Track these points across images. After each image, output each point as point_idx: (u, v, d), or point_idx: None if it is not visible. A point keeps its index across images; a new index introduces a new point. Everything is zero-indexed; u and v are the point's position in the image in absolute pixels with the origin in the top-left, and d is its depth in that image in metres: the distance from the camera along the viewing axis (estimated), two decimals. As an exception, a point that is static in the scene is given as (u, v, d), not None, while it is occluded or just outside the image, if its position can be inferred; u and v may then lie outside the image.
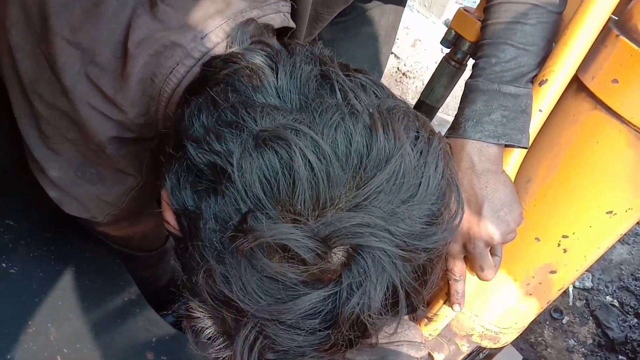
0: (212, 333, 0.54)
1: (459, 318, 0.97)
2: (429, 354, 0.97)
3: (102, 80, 0.64)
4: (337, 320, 0.48)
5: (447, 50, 1.03)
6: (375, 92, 0.55)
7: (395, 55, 2.89)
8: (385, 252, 0.48)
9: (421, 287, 0.52)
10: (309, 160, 0.47)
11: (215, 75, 0.56)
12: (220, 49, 0.63)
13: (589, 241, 0.85)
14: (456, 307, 0.87)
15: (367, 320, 0.49)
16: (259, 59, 0.56)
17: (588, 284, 2.30)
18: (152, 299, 1.03)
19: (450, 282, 0.85)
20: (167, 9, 0.63)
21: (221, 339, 0.54)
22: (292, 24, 0.73)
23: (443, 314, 0.92)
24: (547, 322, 2.19)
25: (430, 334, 0.96)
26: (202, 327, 0.54)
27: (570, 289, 2.26)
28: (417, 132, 0.53)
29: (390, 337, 0.88)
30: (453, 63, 1.04)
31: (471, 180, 0.77)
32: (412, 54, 2.89)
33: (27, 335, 0.81)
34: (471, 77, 0.81)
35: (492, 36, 0.79)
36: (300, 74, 0.54)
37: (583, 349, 2.15)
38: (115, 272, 0.98)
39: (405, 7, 3.00)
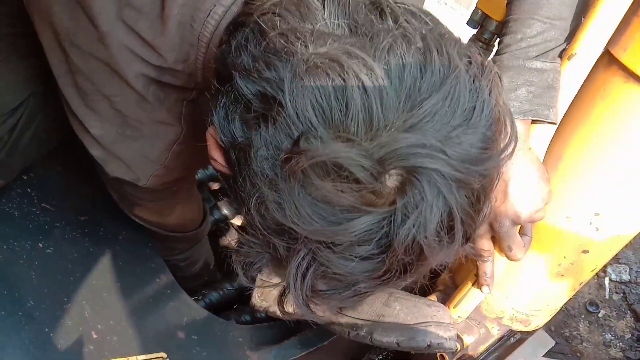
0: (263, 264, 0.54)
1: (489, 300, 0.95)
2: (458, 336, 0.96)
3: (140, 24, 0.64)
4: (392, 244, 0.47)
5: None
6: (425, 19, 0.53)
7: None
8: (441, 173, 0.46)
9: (475, 214, 0.51)
10: (362, 82, 0.46)
11: (261, 7, 0.55)
12: None
13: (622, 219, 0.83)
14: (485, 288, 0.86)
15: (424, 242, 0.47)
16: None
17: (625, 277, 2.24)
18: (184, 284, 1.05)
19: (478, 263, 0.84)
20: None
21: (273, 269, 0.54)
22: None
23: (472, 296, 0.91)
24: (582, 316, 2.14)
25: (459, 317, 0.95)
26: (252, 260, 0.54)
27: (607, 282, 2.20)
28: (470, 58, 0.52)
29: (418, 317, 0.88)
30: (480, 44, 1.03)
31: None
32: (441, 46, 2.86)
33: (63, 311, 0.84)
34: (496, 53, 0.80)
35: (517, 12, 0.78)
36: (348, 0, 0.52)
37: (621, 343, 2.09)
38: (147, 254, 1.01)
39: (434, 0, 2.95)
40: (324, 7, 0.52)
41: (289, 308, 0.98)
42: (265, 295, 1.00)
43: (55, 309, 0.84)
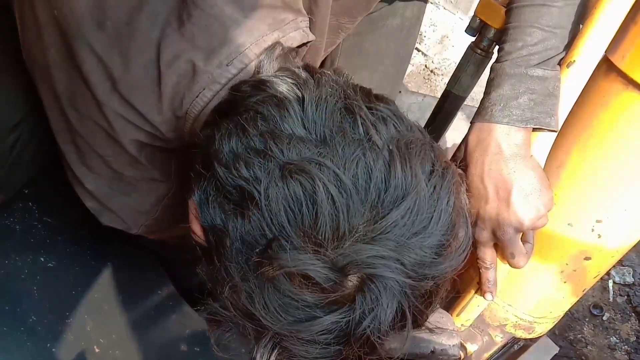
0: (233, 338, 0.59)
1: (492, 308, 0.95)
2: (462, 344, 0.96)
3: (134, 97, 0.67)
4: (349, 339, 0.53)
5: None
6: (395, 124, 0.58)
7: (422, 53, 2.88)
8: (396, 281, 0.52)
9: (426, 308, 0.58)
10: (331, 193, 0.51)
11: (244, 102, 0.59)
12: (245, 74, 0.66)
13: (624, 225, 0.82)
14: (488, 296, 0.85)
15: (376, 340, 0.54)
16: (285, 88, 0.59)
17: (629, 280, 2.23)
18: (185, 295, 1.05)
19: (481, 270, 0.84)
20: (194, 29, 0.65)
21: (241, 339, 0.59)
22: (311, 37, 0.75)
23: (475, 304, 0.90)
24: (587, 319, 2.13)
25: (462, 325, 0.95)
26: (224, 331, 0.59)
27: (610, 285, 2.20)
28: (433, 165, 0.57)
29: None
30: (479, 51, 1.03)
31: (499, 166, 0.76)
32: (440, 50, 2.87)
33: (65, 325, 0.84)
34: (497, 60, 0.79)
35: (517, 19, 0.78)
36: (325, 106, 0.57)
37: (626, 346, 2.08)
38: (150, 267, 1.01)
39: (432, 5, 2.97)
40: (303, 109, 0.56)
41: None
42: None
43: (57, 323, 0.84)
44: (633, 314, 2.16)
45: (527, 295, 0.92)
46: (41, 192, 1.00)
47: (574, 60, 0.76)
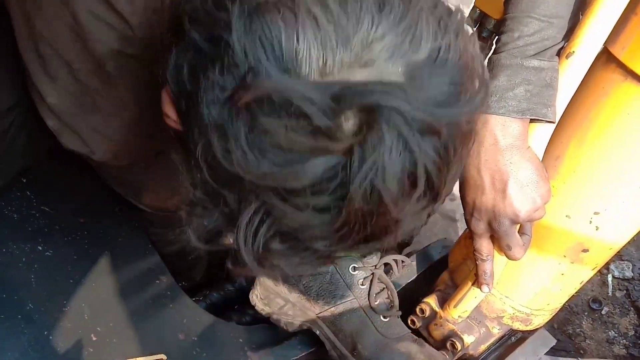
0: (216, 224, 0.52)
1: (489, 300, 0.95)
2: (459, 335, 0.96)
3: None
4: (348, 190, 0.44)
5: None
6: None
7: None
8: (401, 112, 0.42)
9: (443, 166, 0.47)
10: (315, 17, 0.43)
11: None
12: None
13: (622, 217, 0.82)
14: (484, 287, 0.85)
15: (382, 187, 0.44)
16: None
17: (628, 274, 2.23)
18: (179, 278, 1.05)
19: (477, 262, 0.84)
20: None
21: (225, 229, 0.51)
22: None
23: (472, 296, 0.91)
24: (586, 313, 2.13)
25: (459, 316, 0.95)
26: (204, 218, 0.51)
27: (610, 279, 2.20)
28: (436, 2, 0.48)
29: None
30: (479, 42, 1.03)
31: (495, 157, 0.75)
32: (442, 43, 2.86)
33: (63, 313, 0.84)
34: (494, 52, 0.79)
35: (514, 10, 0.77)
36: None
37: (624, 340, 2.08)
38: (147, 256, 1.01)
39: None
40: None
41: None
42: (269, 301, 1.01)
43: (54, 311, 0.84)
44: (632, 309, 2.16)
45: (524, 287, 0.92)
46: (39, 180, 1.00)
47: (573, 51, 0.76)
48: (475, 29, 1.01)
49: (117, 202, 1.04)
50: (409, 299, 1.06)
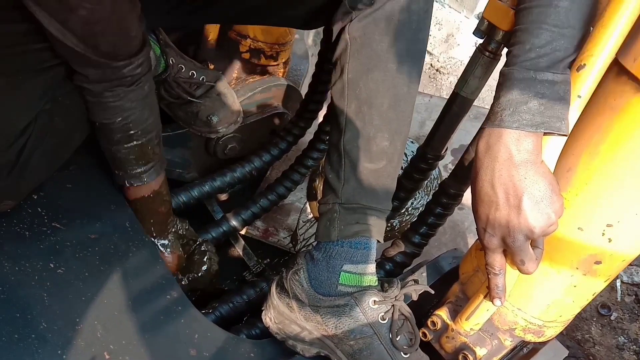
0: None
1: (501, 312, 0.95)
2: (471, 348, 0.96)
3: None
4: None
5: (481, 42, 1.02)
6: None
7: (428, 52, 2.87)
8: None
9: None
10: None
11: None
12: None
13: (634, 230, 0.82)
14: (497, 301, 0.85)
15: None
16: None
17: (637, 279, 2.22)
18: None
19: (489, 276, 0.84)
20: None
21: None
22: None
23: (484, 308, 0.90)
24: (595, 319, 2.12)
25: (471, 329, 0.94)
26: None
27: (618, 284, 2.19)
28: None
29: None
30: (487, 53, 1.03)
31: (510, 172, 0.75)
32: (446, 49, 2.85)
33: (75, 331, 0.84)
34: (506, 64, 0.79)
35: (525, 21, 0.77)
36: None
37: (634, 346, 2.07)
38: (158, 271, 1.01)
39: (437, 3, 2.94)
40: None
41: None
42: (284, 326, 1.00)
43: (67, 330, 0.84)
44: (641, 314, 2.15)
45: (536, 300, 0.92)
46: (50, 197, 1.00)
47: (584, 64, 0.76)
48: (483, 40, 1.01)
49: (127, 217, 1.04)
50: (420, 310, 1.06)
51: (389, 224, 1.52)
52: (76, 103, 0.94)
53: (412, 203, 1.54)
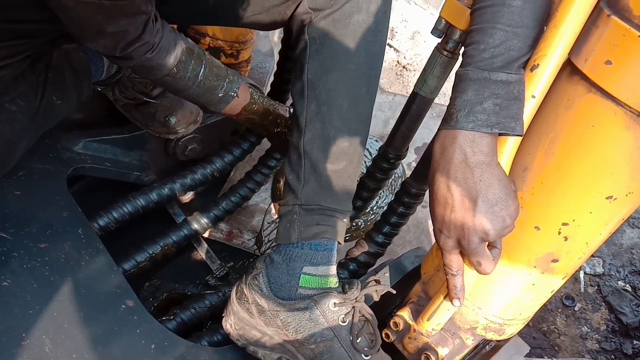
0: None
1: (462, 311, 0.95)
2: (433, 348, 0.96)
3: None
4: None
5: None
6: None
7: (394, 49, 2.87)
8: None
9: None
10: None
11: None
12: None
13: (590, 228, 0.82)
14: (456, 302, 0.85)
15: None
16: None
17: (599, 270, 2.27)
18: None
19: (447, 277, 0.83)
20: None
21: None
22: None
23: (444, 308, 0.90)
24: (559, 310, 2.16)
25: (433, 329, 0.94)
26: None
27: (581, 275, 2.23)
28: None
29: None
30: (445, 53, 1.02)
31: (465, 174, 0.75)
32: (412, 46, 2.86)
33: (22, 348, 0.80)
34: (461, 66, 0.79)
35: (479, 21, 0.77)
36: None
37: (597, 335, 2.12)
38: (112, 279, 0.97)
39: (403, 0, 2.94)
40: None
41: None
42: (245, 332, 0.97)
43: (12, 346, 0.80)
44: (603, 304, 2.20)
45: (496, 298, 0.92)
46: (-5, 206, 0.96)
47: (538, 64, 0.76)
48: (441, 39, 1.00)
49: (80, 224, 1.00)
50: (383, 311, 1.05)
51: (354, 224, 1.51)
52: (22, 109, 0.90)
53: (377, 202, 1.54)
